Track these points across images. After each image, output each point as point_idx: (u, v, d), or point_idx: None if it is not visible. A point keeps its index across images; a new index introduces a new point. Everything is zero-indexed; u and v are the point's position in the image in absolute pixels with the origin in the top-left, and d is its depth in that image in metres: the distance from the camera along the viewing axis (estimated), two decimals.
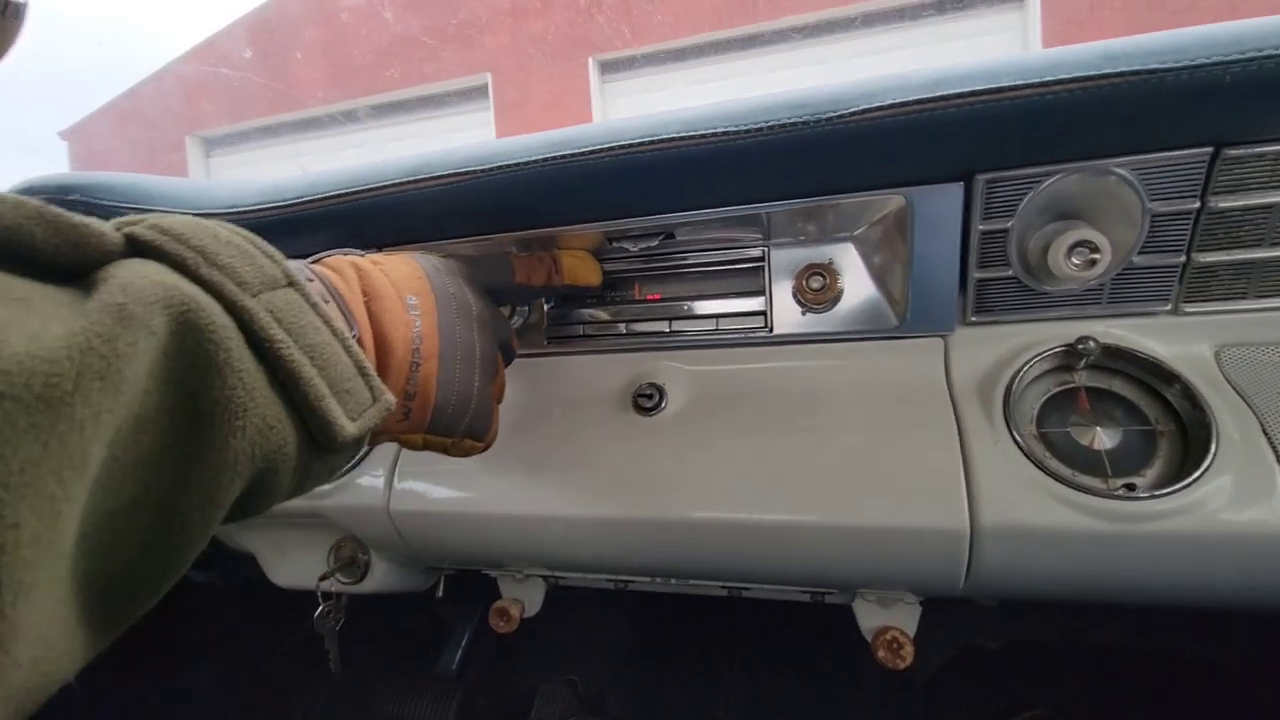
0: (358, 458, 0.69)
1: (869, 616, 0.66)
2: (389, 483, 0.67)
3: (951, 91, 0.45)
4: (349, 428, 0.31)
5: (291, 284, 0.31)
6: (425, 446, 0.45)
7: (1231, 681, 0.90)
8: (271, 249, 0.32)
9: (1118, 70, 0.42)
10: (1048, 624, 1.03)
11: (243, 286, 0.28)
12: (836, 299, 0.59)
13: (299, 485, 0.32)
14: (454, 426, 0.45)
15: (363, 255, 0.46)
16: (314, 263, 0.42)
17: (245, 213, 0.65)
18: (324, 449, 0.31)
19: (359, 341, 0.37)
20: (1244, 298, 0.51)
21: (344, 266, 0.41)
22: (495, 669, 1.23)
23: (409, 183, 0.59)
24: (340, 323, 0.33)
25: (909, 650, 0.62)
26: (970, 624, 1.06)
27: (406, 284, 0.44)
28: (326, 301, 0.36)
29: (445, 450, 0.47)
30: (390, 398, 0.35)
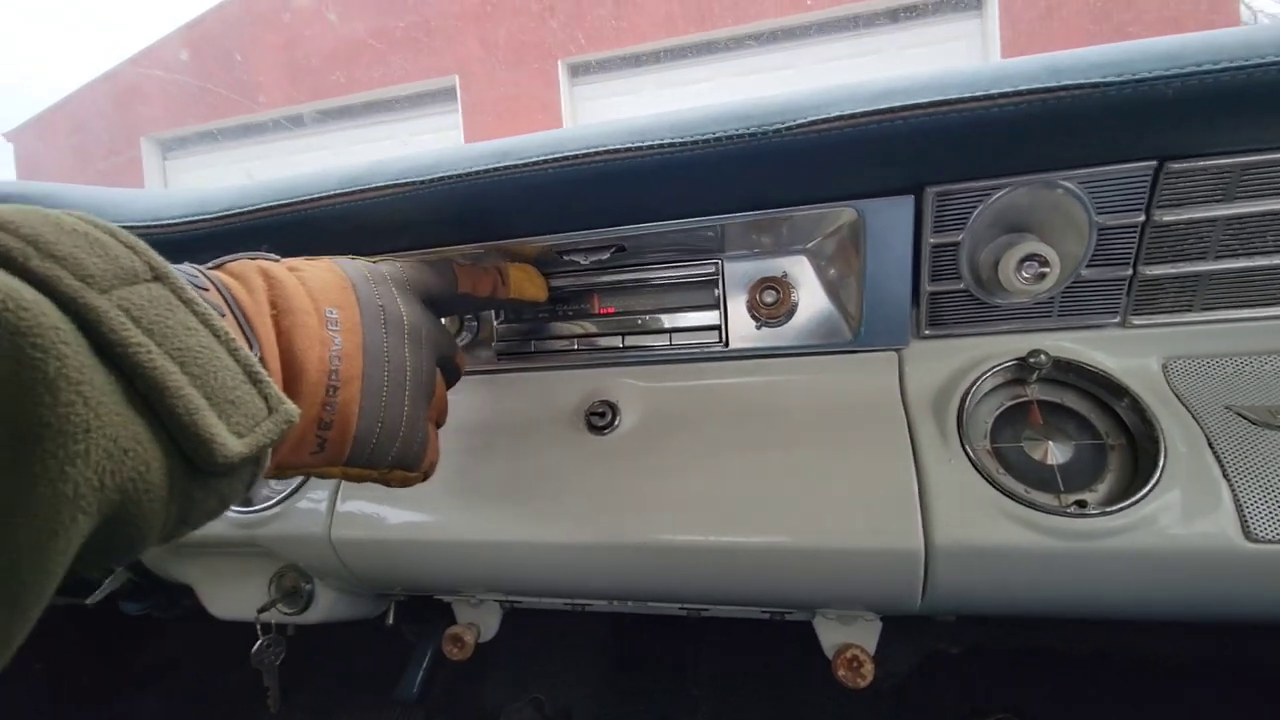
0: (291, 488, 0.65)
1: (829, 634, 0.65)
2: (330, 509, 0.63)
3: (899, 104, 0.44)
4: (234, 445, 0.26)
5: (159, 278, 0.27)
6: (346, 479, 0.41)
7: (1185, 677, 0.92)
8: (136, 240, 0.27)
9: (1062, 84, 0.41)
10: (1008, 629, 1.04)
11: (87, 281, 0.23)
12: (791, 312, 0.58)
13: (182, 518, 0.27)
14: (379, 458, 0.40)
15: (277, 260, 0.40)
16: (214, 268, 0.36)
17: (170, 226, 0.61)
18: (206, 473, 0.26)
19: (262, 363, 0.32)
20: (1190, 310, 0.51)
21: (250, 273, 0.35)
22: (457, 691, 1.20)
23: (345, 194, 0.56)
24: (223, 323, 0.28)
25: (869, 669, 0.61)
26: (932, 631, 1.06)
27: (326, 294, 0.38)
28: (223, 315, 0.31)
29: (375, 481, 0.43)
30: (292, 407, 0.30)
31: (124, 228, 0.60)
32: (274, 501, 0.65)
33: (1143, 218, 0.48)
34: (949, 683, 1.05)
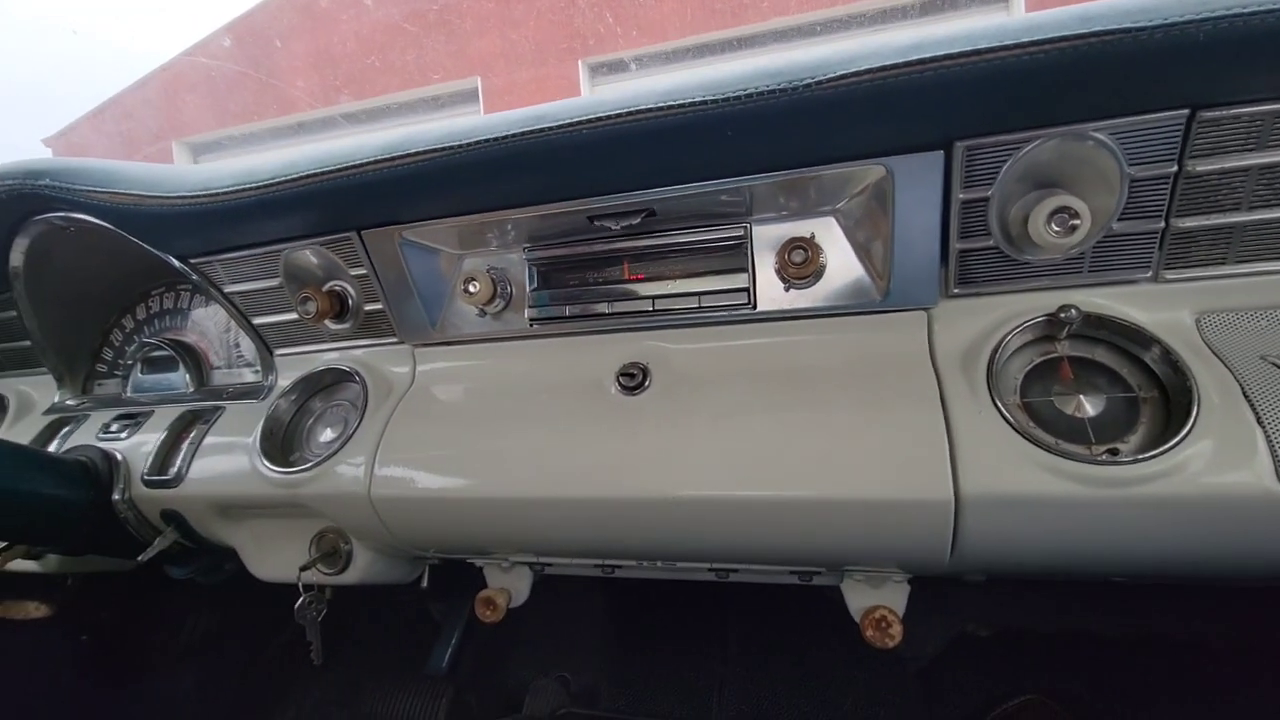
0: (332, 450, 0.67)
1: (857, 596, 0.65)
2: (370, 469, 0.65)
3: (929, 55, 0.45)
4: None
5: None
6: None
7: (1220, 661, 0.90)
8: None
9: (1094, 30, 0.42)
10: (1039, 611, 1.03)
11: None
12: (819, 273, 0.59)
13: None
14: None
15: None
16: None
17: (220, 195, 0.64)
18: None
19: None
20: (1224, 263, 0.51)
21: None
22: (485, 667, 1.22)
23: (384, 160, 0.58)
24: None
25: (898, 629, 0.62)
26: (962, 612, 1.06)
27: None
28: None
29: None
30: None
31: (176, 198, 0.63)
32: (315, 463, 0.67)
33: (1175, 168, 0.48)
34: (979, 665, 1.04)
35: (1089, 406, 0.51)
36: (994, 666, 1.03)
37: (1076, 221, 0.49)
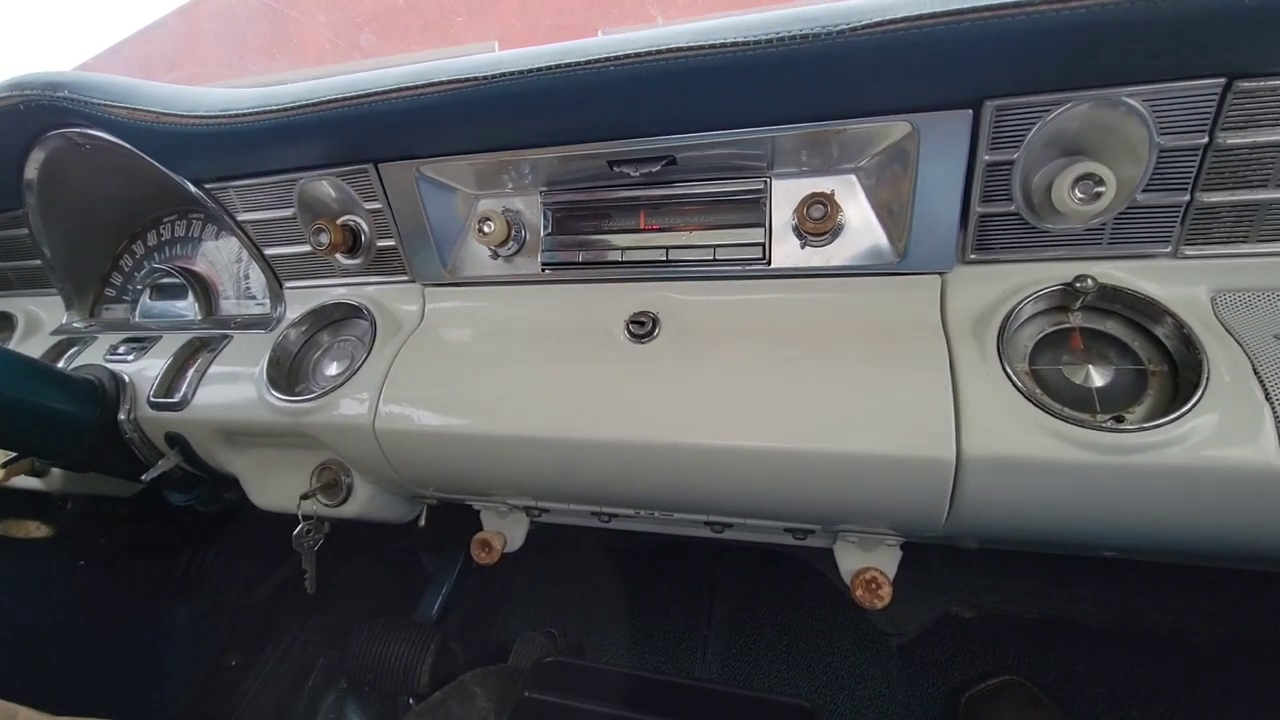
0: (339, 381, 0.68)
1: (849, 559, 0.66)
2: (375, 403, 0.66)
3: (967, 6, 0.44)
4: None
5: None
6: None
7: (1201, 652, 0.92)
8: None
9: None
10: (1024, 597, 1.04)
11: None
12: (836, 232, 0.59)
13: None
14: None
15: None
16: None
17: (239, 117, 0.63)
18: None
19: None
20: (1245, 241, 0.50)
21: None
22: (474, 619, 1.24)
23: (407, 89, 0.57)
24: None
25: (887, 590, 0.62)
26: (948, 593, 1.07)
27: None
28: None
29: None
30: None
31: (195, 117, 0.62)
32: (321, 393, 0.68)
33: (1205, 140, 0.47)
34: (960, 645, 1.05)
35: (1097, 377, 0.51)
36: (975, 647, 1.05)
37: (1101, 189, 0.48)
